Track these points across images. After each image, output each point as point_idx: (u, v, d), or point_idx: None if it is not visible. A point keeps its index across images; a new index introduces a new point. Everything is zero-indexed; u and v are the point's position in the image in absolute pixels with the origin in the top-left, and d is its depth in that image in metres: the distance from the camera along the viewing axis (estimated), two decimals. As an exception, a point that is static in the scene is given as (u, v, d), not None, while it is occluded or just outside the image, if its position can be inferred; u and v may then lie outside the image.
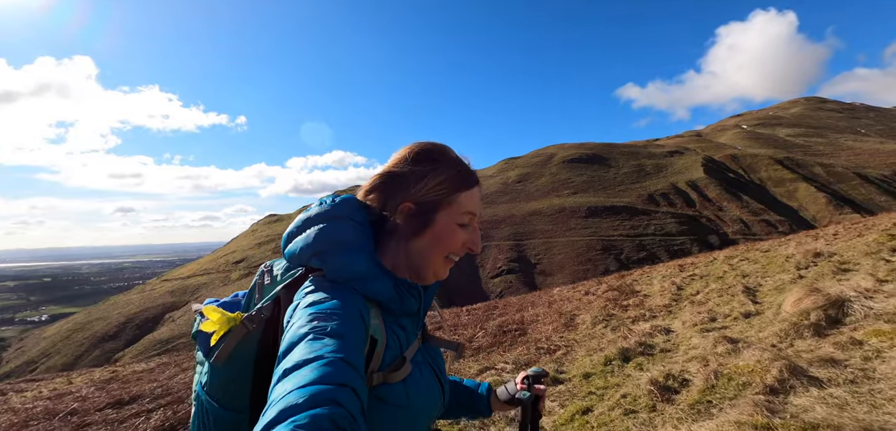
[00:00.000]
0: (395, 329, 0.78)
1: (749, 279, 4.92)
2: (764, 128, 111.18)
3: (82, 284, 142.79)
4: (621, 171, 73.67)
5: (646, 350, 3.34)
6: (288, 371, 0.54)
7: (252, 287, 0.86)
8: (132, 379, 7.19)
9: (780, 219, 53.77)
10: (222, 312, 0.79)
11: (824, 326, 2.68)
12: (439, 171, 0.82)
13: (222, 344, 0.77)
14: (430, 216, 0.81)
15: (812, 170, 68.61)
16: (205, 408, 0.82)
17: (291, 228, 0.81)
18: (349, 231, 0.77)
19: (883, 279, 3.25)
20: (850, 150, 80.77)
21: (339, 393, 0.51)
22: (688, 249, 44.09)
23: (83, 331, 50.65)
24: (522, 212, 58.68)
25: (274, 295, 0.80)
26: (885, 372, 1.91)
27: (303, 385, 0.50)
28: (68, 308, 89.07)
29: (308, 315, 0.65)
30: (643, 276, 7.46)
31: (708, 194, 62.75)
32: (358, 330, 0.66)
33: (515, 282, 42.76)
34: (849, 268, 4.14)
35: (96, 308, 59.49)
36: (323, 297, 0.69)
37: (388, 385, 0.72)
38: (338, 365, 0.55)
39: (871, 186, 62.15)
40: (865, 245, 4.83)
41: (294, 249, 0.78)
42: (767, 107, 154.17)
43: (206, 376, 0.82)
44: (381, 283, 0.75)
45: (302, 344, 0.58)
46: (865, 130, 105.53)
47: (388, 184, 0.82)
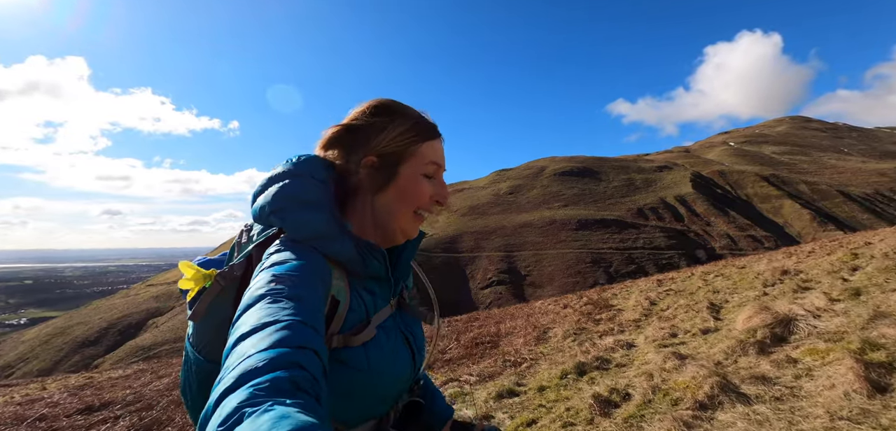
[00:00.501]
0: (361, 292, 0.76)
1: (718, 295, 5.04)
2: (751, 145, 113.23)
3: (64, 287, 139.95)
4: (611, 185, 74.41)
5: (602, 364, 3.42)
6: (245, 335, 0.53)
7: (233, 245, 0.87)
8: (106, 386, 7.11)
9: (766, 235, 54.59)
10: (197, 269, 0.79)
11: (769, 344, 2.78)
12: (399, 122, 0.80)
13: (198, 301, 0.77)
14: (393, 169, 0.80)
15: (797, 187, 69.97)
16: (189, 358, 0.82)
17: (257, 187, 0.81)
18: (309, 188, 0.76)
19: (835, 298, 3.37)
20: (833, 169, 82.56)
21: (300, 355, 0.50)
22: (676, 263, 44.54)
23: (63, 336, 49.52)
24: (513, 223, 58.89)
25: (246, 253, 0.80)
26: (809, 390, 2.00)
27: (263, 348, 0.49)
28: (49, 311, 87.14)
29: (267, 276, 0.64)
30: (622, 290, 7.57)
31: (696, 209, 63.57)
32: (317, 290, 0.65)
33: (505, 293, 42.75)
34: (809, 286, 4.28)
35: (78, 312, 58.29)
36: (284, 258, 0.68)
37: (349, 348, 0.71)
38: (297, 328, 0.54)
39: (853, 204, 63.51)
40: (829, 264, 4.99)
41: (257, 208, 0.78)
42: (754, 124, 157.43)
43: (191, 328, 0.82)
44: (341, 244, 0.74)
45: (258, 306, 0.57)
46: (848, 149, 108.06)
47: (347, 137, 0.81)
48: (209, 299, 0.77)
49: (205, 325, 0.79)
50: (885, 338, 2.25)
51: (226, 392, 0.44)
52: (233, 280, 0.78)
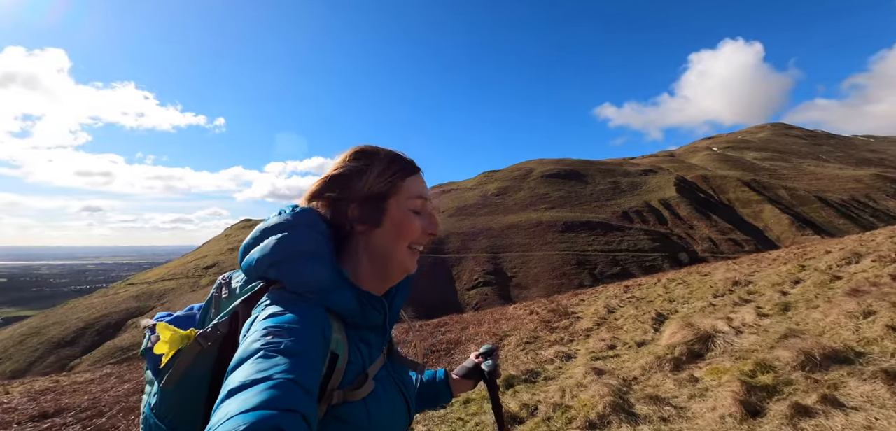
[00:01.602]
0: (358, 344, 0.75)
1: (672, 304, 5.12)
2: (733, 151, 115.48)
3: (41, 286, 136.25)
4: (597, 188, 75.20)
5: (531, 377, 3.43)
6: (233, 391, 0.51)
7: (208, 300, 0.83)
8: (69, 390, 6.94)
9: (747, 239, 55.71)
10: (174, 330, 0.73)
11: (684, 361, 2.84)
12: (379, 161, 0.82)
13: (174, 364, 0.71)
14: (381, 205, 0.80)
15: (777, 192, 71.57)
16: (151, 428, 0.76)
17: (249, 239, 0.77)
18: (309, 240, 0.73)
19: (765, 313, 3.45)
20: (812, 175, 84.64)
21: (285, 420, 0.47)
22: (659, 265, 45.13)
23: (38, 336, 48.15)
24: (500, 224, 59.14)
25: (231, 310, 0.75)
26: (695, 412, 2.06)
27: (246, 410, 0.47)
28: (24, 310, 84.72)
29: (263, 329, 0.61)
30: (590, 297, 7.64)
31: (679, 212, 64.61)
32: (317, 346, 0.62)
33: (491, 295, 42.88)
34: (749, 299, 4.37)
35: (54, 311, 56.72)
36: (280, 310, 0.65)
37: (349, 403, 0.69)
38: (287, 388, 0.51)
39: (830, 210, 65.18)
40: (777, 275, 5.11)
41: (251, 260, 0.74)
42: (736, 131, 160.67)
43: (156, 397, 0.76)
44: (342, 294, 0.72)
45: (251, 361, 0.55)
46: (826, 156, 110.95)
47: (332, 186, 0.80)
48: (187, 362, 0.71)
49: (178, 392, 0.72)
50: (779, 360, 2.32)
51: None
52: (215, 340, 0.73)
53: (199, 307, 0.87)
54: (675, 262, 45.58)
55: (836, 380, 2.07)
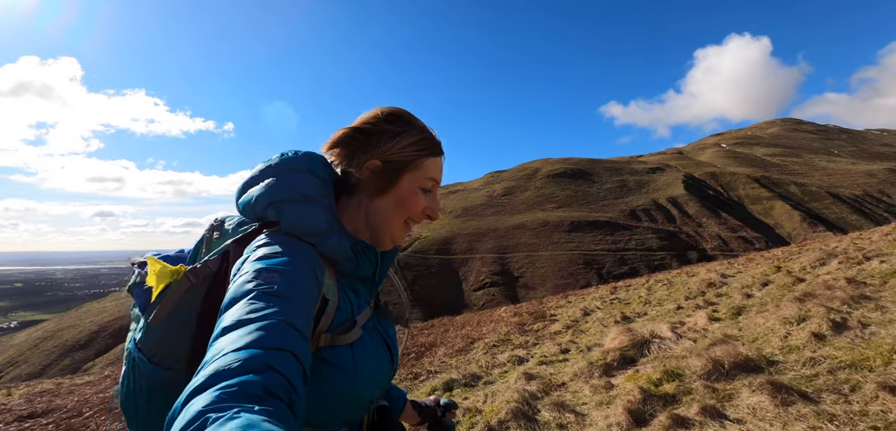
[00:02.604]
0: (347, 292, 0.76)
1: (646, 307, 5.11)
2: (742, 147, 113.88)
3: (56, 290, 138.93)
4: (604, 187, 74.67)
5: (471, 381, 3.45)
6: (227, 329, 0.51)
7: (199, 240, 0.83)
8: (65, 392, 7.11)
9: (757, 236, 54.90)
10: (163, 264, 0.73)
11: (614, 367, 2.85)
12: (410, 134, 0.81)
13: (162, 299, 0.71)
14: (395, 176, 0.80)
15: (787, 188, 70.43)
16: (137, 366, 0.75)
17: (248, 177, 0.77)
18: (311, 183, 0.74)
19: (717, 317, 3.44)
20: (823, 170, 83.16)
21: (277, 358, 0.48)
22: (668, 264, 44.69)
23: (53, 340, 49.13)
24: (507, 225, 58.95)
25: (223, 248, 0.75)
26: (594, 419, 2.11)
27: (239, 348, 0.47)
28: (40, 314, 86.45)
29: (255, 269, 0.61)
30: (577, 298, 7.63)
31: (688, 210, 63.89)
32: (309, 288, 0.63)
33: (498, 295, 42.76)
34: (714, 302, 4.36)
35: (68, 315, 57.82)
36: (275, 251, 0.65)
37: (335, 347, 0.70)
38: (279, 328, 0.51)
39: (843, 206, 63.98)
40: (752, 277, 5.08)
41: (249, 198, 0.74)
42: (745, 126, 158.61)
43: (142, 332, 0.75)
44: (338, 240, 0.73)
45: (244, 301, 0.55)
46: (838, 151, 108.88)
47: (357, 139, 0.80)
48: (175, 298, 0.71)
49: (165, 328, 0.72)
50: (689, 369, 2.33)
51: (194, 392, 0.42)
52: (206, 276, 0.72)
53: (189, 250, 0.86)
54: (684, 261, 45.04)
55: (732, 391, 2.07)
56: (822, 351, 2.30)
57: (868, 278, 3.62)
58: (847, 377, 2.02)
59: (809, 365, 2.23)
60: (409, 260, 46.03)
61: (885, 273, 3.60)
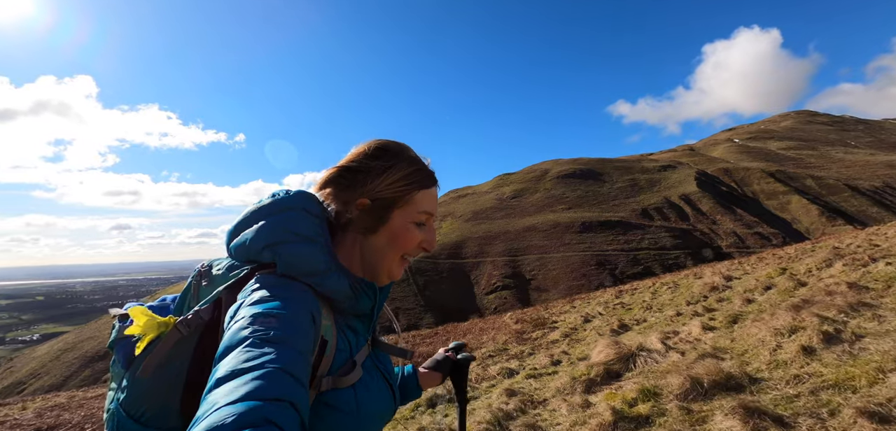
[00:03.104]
0: (345, 330, 0.74)
1: (647, 313, 5.00)
2: (755, 141, 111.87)
3: (76, 302, 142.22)
4: (615, 186, 73.96)
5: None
6: (221, 380, 0.49)
7: (185, 289, 0.80)
8: (75, 406, 7.28)
9: (774, 232, 53.78)
10: (151, 315, 0.70)
11: (597, 382, 2.78)
12: (397, 168, 0.79)
13: (149, 353, 0.68)
14: (385, 213, 0.78)
15: (804, 182, 68.92)
16: (120, 427, 0.70)
17: (238, 221, 0.74)
18: (307, 223, 0.72)
19: (711, 326, 3.33)
20: (840, 163, 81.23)
21: (275, 410, 0.45)
22: (682, 263, 43.97)
23: (73, 351, 50.24)
24: (517, 227, 58.65)
25: (215, 295, 0.72)
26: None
27: (235, 401, 0.45)
28: (61, 327, 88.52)
29: (251, 315, 0.58)
30: (581, 303, 7.52)
31: (701, 208, 62.91)
32: (306, 332, 0.60)
33: (510, 298, 42.49)
34: (713, 308, 4.23)
35: (88, 327, 59.09)
36: (269, 295, 0.62)
37: (338, 390, 0.68)
38: (276, 377, 0.49)
39: (862, 198, 62.40)
40: (756, 279, 4.94)
41: (243, 241, 0.71)
42: (758, 120, 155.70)
43: (126, 391, 0.70)
44: (337, 280, 0.70)
45: (239, 350, 0.52)
46: (855, 142, 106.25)
47: (345, 178, 0.78)
48: (164, 351, 0.68)
49: (152, 383, 0.68)
50: (667, 387, 2.26)
51: None
52: (197, 326, 0.69)
53: (174, 298, 0.84)
54: (700, 259, 44.24)
55: (707, 413, 2.00)
56: (808, 368, 2.22)
57: (871, 282, 3.50)
58: (829, 398, 1.95)
59: (793, 384, 2.16)
60: (421, 265, 46.05)
61: (890, 276, 3.47)
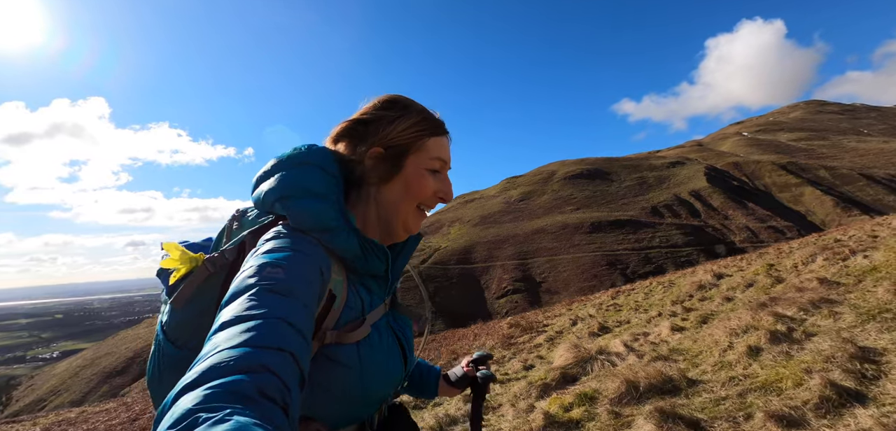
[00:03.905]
0: (358, 289, 0.75)
1: (637, 312, 4.97)
2: (765, 133, 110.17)
3: (93, 319, 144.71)
4: (623, 185, 73.35)
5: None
6: (225, 324, 0.50)
7: (222, 230, 0.84)
8: (82, 421, 7.48)
9: (788, 225, 52.84)
10: (183, 251, 0.75)
11: (553, 387, 2.82)
12: (408, 116, 0.80)
13: (182, 285, 0.74)
14: (399, 160, 0.79)
15: (816, 173, 67.67)
16: (161, 347, 0.77)
17: (261, 172, 0.77)
18: (319, 179, 0.73)
19: (681, 326, 3.34)
20: (854, 151, 79.62)
21: (273, 358, 0.46)
22: (695, 260, 43.36)
23: (91, 367, 51.16)
24: (526, 230, 58.41)
25: (239, 239, 0.76)
26: None
27: (234, 345, 0.46)
28: (79, 344, 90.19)
29: (259, 264, 0.60)
30: (577, 305, 7.52)
31: (712, 203, 62.08)
32: (312, 285, 0.61)
33: (521, 302, 42.28)
34: (695, 307, 4.19)
35: (105, 343, 60.17)
36: (280, 245, 0.64)
37: (341, 345, 0.69)
38: (277, 327, 0.50)
39: (878, 186, 61.09)
40: (742, 277, 4.91)
41: (260, 194, 0.74)
42: (767, 112, 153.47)
43: (167, 315, 0.77)
44: (346, 237, 0.72)
45: (245, 297, 0.54)
46: (867, 130, 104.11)
47: (358, 130, 0.80)
48: (195, 284, 0.73)
49: (185, 313, 0.74)
50: (605, 390, 2.29)
51: (186, 388, 0.41)
52: (223, 265, 0.73)
53: (215, 237, 0.88)
54: (712, 255, 43.62)
55: (632, 417, 2.03)
56: (748, 369, 2.24)
57: (844, 277, 3.49)
58: (752, 401, 1.97)
59: (727, 386, 2.19)
60: (430, 272, 46.08)
61: (864, 270, 3.46)
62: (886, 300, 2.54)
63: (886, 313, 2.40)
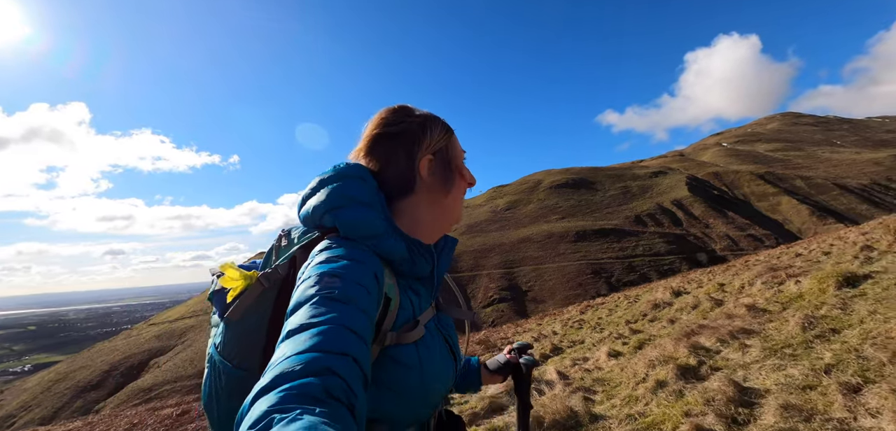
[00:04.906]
0: (408, 292, 0.79)
1: (594, 331, 5.02)
2: (743, 144, 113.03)
3: (68, 331, 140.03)
4: (608, 194, 74.37)
5: None
6: (291, 333, 0.54)
7: (269, 250, 0.89)
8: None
9: (766, 233, 54.16)
10: (240, 270, 0.81)
11: (481, 416, 2.89)
12: (433, 121, 0.87)
13: (238, 301, 0.77)
14: (450, 163, 0.86)
15: (793, 183, 69.63)
16: (217, 369, 0.80)
17: (306, 190, 0.83)
18: (364, 189, 0.78)
19: (619, 351, 3.40)
20: (828, 162, 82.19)
21: (336, 362, 0.50)
22: (677, 268, 44.07)
23: (65, 381, 49.40)
24: (512, 239, 58.70)
25: (290, 254, 0.81)
26: None
27: (300, 352, 0.50)
28: (53, 356, 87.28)
29: (318, 273, 0.64)
30: (548, 319, 7.60)
31: (693, 212, 63.33)
32: (370, 290, 0.65)
33: (507, 311, 42.39)
34: (639, 330, 4.27)
35: (80, 356, 58.22)
36: (335, 256, 0.68)
37: (401, 345, 0.73)
38: (339, 333, 0.54)
39: (851, 196, 63.09)
40: (694, 297, 5.03)
41: (308, 210, 0.80)
42: (745, 124, 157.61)
43: (221, 336, 0.81)
44: (394, 242, 0.76)
45: (307, 306, 0.58)
46: (841, 141, 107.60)
47: (387, 143, 0.84)
48: (249, 301, 0.77)
49: (239, 329, 0.78)
50: (512, 427, 2.32)
51: (261, 392, 0.45)
52: (276, 281, 0.78)
53: (261, 261, 0.92)
54: (694, 263, 44.45)
55: None
56: (647, 406, 2.33)
57: (772, 304, 3.62)
58: None
59: (623, 424, 2.25)
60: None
61: (790, 298, 3.59)
62: (794, 334, 2.65)
63: (787, 348, 2.51)
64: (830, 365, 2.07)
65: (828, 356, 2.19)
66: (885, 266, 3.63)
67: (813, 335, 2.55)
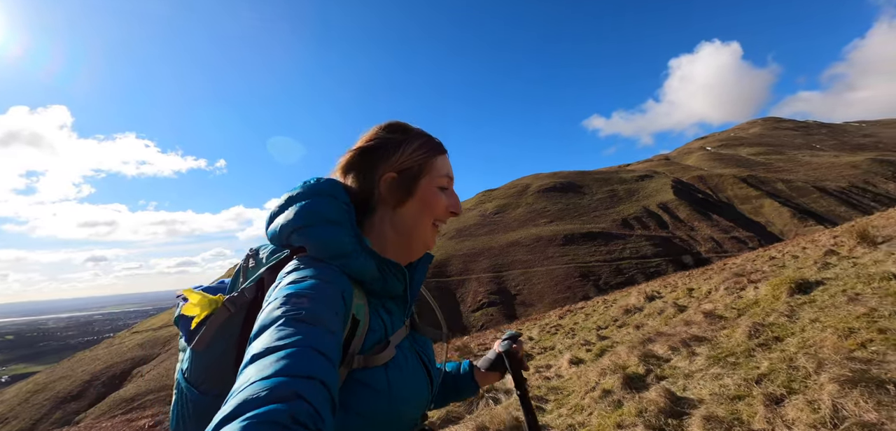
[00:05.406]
0: (380, 311, 0.77)
1: (567, 336, 5.09)
2: (727, 148, 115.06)
3: (48, 340, 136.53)
4: (595, 198, 75.09)
5: None
6: (256, 357, 0.51)
7: (237, 270, 0.86)
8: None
9: (749, 235, 55.11)
10: (203, 294, 0.77)
11: (437, 427, 2.92)
12: (413, 138, 0.85)
13: (203, 328, 0.74)
14: (413, 182, 0.83)
15: (775, 186, 71.14)
16: (184, 395, 0.77)
17: (274, 208, 0.80)
18: (333, 207, 0.76)
19: (580, 359, 3.47)
20: (808, 165, 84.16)
21: (304, 386, 0.47)
22: (664, 270, 44.58)
23: (44, 392, 48.07)
24: (501, 243, 58.85)
25: (257, 276, 0.78)
26: None
27: (265, 377, 0.47)
28: (32, 366, 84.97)
29: (284, 295, 0.62)
30: (529, 324, 7.67)
31: (679, 215, 64.24)
32: (336, 311, 0.63)
33: (496, 315, 42.43)
34: (607, 337, 4.32)
35: (60, 365, 56.76)
36: (302, 276, 0.66)
37: (369, 368, 0.70)
38: (306, 355, 0.51)
39: (830, 198, 64.69)
40: (663, 302, 5.14)
41: (276, 228, 0.77)
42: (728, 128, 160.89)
43: (188, 361, 0.78)
44: (364, 260, 0.74)
45: (272, 329, 0.55)
46: (820, 145, 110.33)
47: (365, 158, 0.83)
48: (216, 326, 0.74)
49: (207, 356, 0.75)
50: None
51: (223, 421, 0.43)
52: (242, 304, 0.75)
53: (229, 281, 0.90)
54: (680, 266, 45.01)
55: None
56: (589, 417, 2.38)
57: (729, 311, 3.71)
58: None
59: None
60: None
61: (747, 304, 3.69)
62: (740, 343, 2.73)
63: (731, 356, 2.58)
64: (763, 376, 2.14)
65: (765, 365, 2.26)
66: (837, 273, 3.75)
67: (756, 343, 2.62)
